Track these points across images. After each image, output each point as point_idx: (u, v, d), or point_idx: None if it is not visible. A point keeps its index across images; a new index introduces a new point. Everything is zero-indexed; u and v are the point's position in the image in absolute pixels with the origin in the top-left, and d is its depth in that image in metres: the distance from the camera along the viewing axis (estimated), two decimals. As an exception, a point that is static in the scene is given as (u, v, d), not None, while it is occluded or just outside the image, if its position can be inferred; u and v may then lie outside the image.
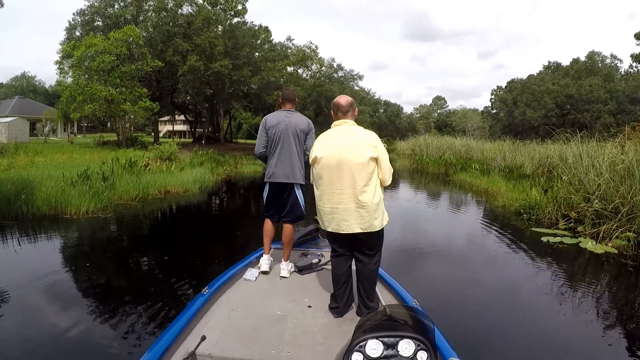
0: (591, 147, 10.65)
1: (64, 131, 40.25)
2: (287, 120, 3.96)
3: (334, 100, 3.32)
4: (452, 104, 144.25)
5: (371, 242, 3.13)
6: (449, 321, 3.98)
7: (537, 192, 10.89)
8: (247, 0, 33.46)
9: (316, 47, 45.98)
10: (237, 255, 4.29)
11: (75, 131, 47.63)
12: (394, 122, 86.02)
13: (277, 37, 77.23)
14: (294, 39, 48.89)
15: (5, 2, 18.16)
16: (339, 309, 3.17)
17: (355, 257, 3.23)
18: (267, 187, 4.08)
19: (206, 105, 35.69)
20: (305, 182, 4.00)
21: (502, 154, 20.41)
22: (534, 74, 55.81)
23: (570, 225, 8.76)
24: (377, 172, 3.06)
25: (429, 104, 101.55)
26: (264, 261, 3.99)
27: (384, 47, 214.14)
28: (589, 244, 7.52)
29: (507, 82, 60.00)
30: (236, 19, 33.75)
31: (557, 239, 7.94)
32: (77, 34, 28.86)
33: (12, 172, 11.66)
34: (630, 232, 7.51)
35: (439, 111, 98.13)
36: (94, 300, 4.86)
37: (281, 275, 3.89)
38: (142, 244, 7.95)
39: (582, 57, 52.75)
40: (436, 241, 8.61)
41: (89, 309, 4.55)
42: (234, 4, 32.43)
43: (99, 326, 4.12)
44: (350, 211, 3.02)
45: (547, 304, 5.22)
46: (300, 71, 44.53)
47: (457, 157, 25.98)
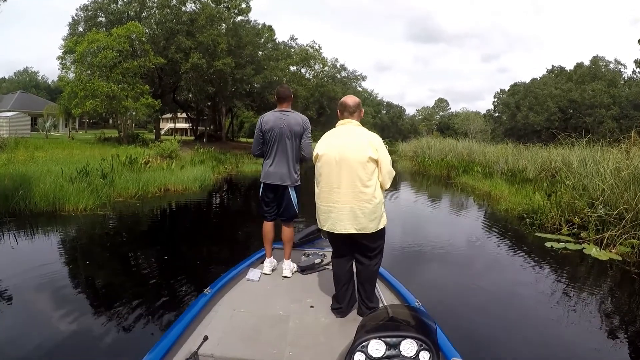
0: (596, 152, 10.55)
1: (66, 127, 40.10)
2: (282, 122, 3.90)
3: (342, 99, 3.31)
4: (455, 107, 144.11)
5: (369, 243, 3.10)
6: (451, 322, 3.98)
7: (541, 196, 10.79)
8: (251, -1, 33.40)
9: (319, 46, 46.02)
10: (238, 255, 4.33)
11: (76, 127, 47.51)
12: (396, 124, 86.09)
13: (281, 36, 77.12)
14: (297, 39, 48.80)
15: (10, -2, 18.03)
16: (341, 310, 3.16)
17: (355, 258, 3.21)
18: (262, 187, 4.08)
19: (208, 103, 35.59)
20: (299, 182, 4.02)
21: (504, 158, 20.29)
22: (537, 78, 55.77)
23: (573, 230, 8.66)
24: (377, 175, 3.03)
25: (431, 106, 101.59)
26: (267, 264, 4.00)
27: (387, 48, 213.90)
28: (593, 251, 7.41)
29: (510, 86, 60.13)
30: (240, 18, 33.60)
31: (561, 245, 7.84)
32: (80, 29, 28.77)
33: (11, 167, 11.59)
34: (634, 239, 7.40)
35: (441, 113, 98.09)
36: (93, 299, 4.82)
37: (283, 275, 3.89)
38: (141, 243, 7.85)
39: (586, 62, 52.74)
40: (439, 244, 8.52)
41: (89, 309, 4.52)
42: (238, 2, 32.27)
43: (99, 326, 4.08)
44: (346, 211, 3.00)
45: (550, 309, 5.15)
46: (303, 71, 44.51)
47: (459, 159, 25.86)
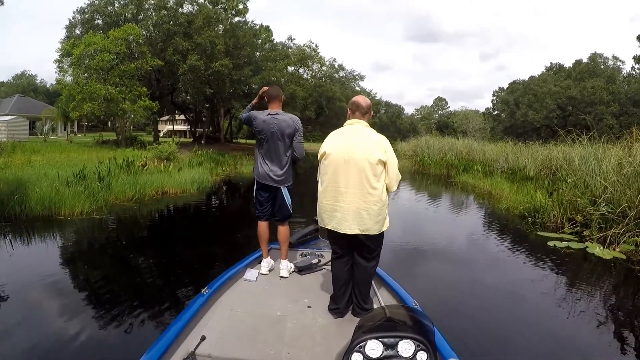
0: (597, 149, 10.45)
1: (64, 130, 40.03)
2: (274, 125, 3.86)
3: (353, 98, 3.28)
4: (454, 105, 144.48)
5: (370, 245, 3.09)
6: (449, 322, 4.01)
7: (542, 194, 10.69)
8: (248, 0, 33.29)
9: (316, 46, 45.92)
10: (235, 256, 4.32)
11: (75, 130, 47.45)
12: (395, 123, 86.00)
13: (279, 37, 77.04)
14: (295, 39, 48.74)
15: (10, 1, 17.92)
16: (338, 311, 3.16)
17: (353, 258, 3.20)
18: (255, 184, 4.10)
19: (206, 104, 35.45)
20: (292, 182, 4.04)
21: (504, 156, 20.20)
22: (536, 76, 55.63)
23: (576, 229, 8.56)
24: (384, 177, 3.02)
25: (430, 105, 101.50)
26: (264, 264, 4.00)
27: (386, 48, 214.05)
28: (597, 249, 7.31)
29: (509, 84, 60.02)
30: (237, 18, 33.45)
31: (564, 244, 7.74)
32: (77, 32, 28.68)
33: (7, 171, 11.47)
34: (638, 237, 7.32)
35: (440, 112, 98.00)
36: (90, 301, 4.82)
37: (281, 275, 3.89)
38: (137, 245, 7.77)
39: (585, 59, 52.61)
40: (439, 243, 8.45)
41: (86, 310, 4.54)
42: (235, 3, 32.15)
43: (96, 327, 4.08)
44: (352, 212, 2.98)
45: (552, 310, 5.09)
46: (301, 71, 44.40)
47: (458, 158, 25.76)
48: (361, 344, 1.87)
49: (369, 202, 2.96)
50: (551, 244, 7.82)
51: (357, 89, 57.64)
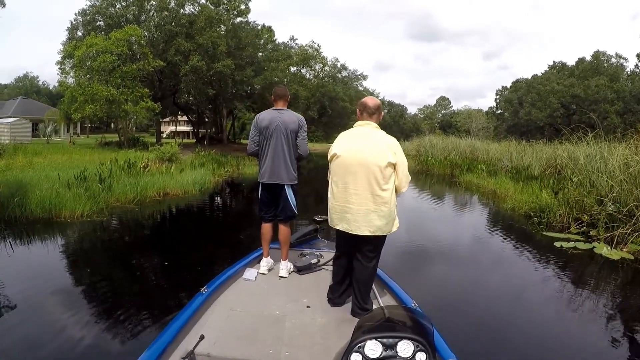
0: (602, 148, 10.31)
1: (67, 132, 40.09)
2: (278, 120, 3.91)
3: (362, 99, 3.30)
4: (457, 105, 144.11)
5: (374, 245, 3.13)
6: (450, 323, 4.01)
7: (547, 194, 10.55)
8: (250, 0, 33.26)
9: (319, 46, 45.90)
10: (235, 258, 4.25)
11: (78, 132, 47.54)
12: (398, 123, 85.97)
13: (281, 37, 77.07)
14: (297, 39, 48.71)
15: (13, 3, 17.89)
16: (333, 301, 3.27)
17: (355, 257, 3.21)
18: (260, 187, 4.08)
19: (209, 105, 35.43)
20: (296, 181, 4.03)
21: (508, 155, 20.04)
22: (539, 74, 55.33)
23: (582, 229, 8.43)
24: (394, 179, 3.04)
25: (433, 105, 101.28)
26: (264, 264, 4.01)
27: (388, 48, 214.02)
28: (604, 250, 7.19)
29: (512, 82, 59.77)
30: (239, 19, 33.46)
31: (571, 244, 7.62)
32: (79, 34, 28.72)
33: (9, 173, 11.42)
34: (646, 237, 7.19)
35: (443, 111, 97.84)
36: (89, 300, 4.84)
37: (280, 275, 3.90)
38: (138, 247, 7.69)
39: (588, 57, 52.25)
40: (443, 244, 8.34)
41: (85, 310, 4.49)
42: (237, 3, 32.14)
43: (96, 326, 4.09)
44: (362, 213, 3.01)
45: (557, 312, 5.01)
46: (303, 71, 44.35)
47: (462, 157, 25.61)
48: (360, 344, 1.88)
49: (379, 204, 2.98)
50: (558, 244, 7.69)
51: (359, 88, 57.61)
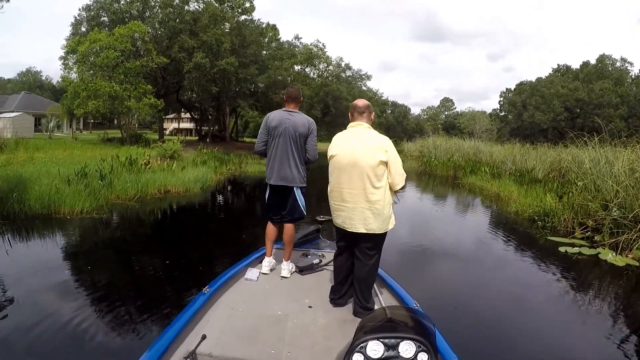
0: (607, 152, 10.19)
1: (70, 127, 40.04)
2: (288, 121, 3.87)
3: (353, 102, 3.41)
4: (460, 106, 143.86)
5: (372, 243, 3.16)
6: (452, 324, 4.02)
7: (552, 198, 10.44)
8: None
9: (323, 45, 45.78)
10: (237, 257, 4.20)
11: (80, 127, 47.48)
12: (401, 123, 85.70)
13: (285, 36, 76.97)
14: (301, 38, 48.67)
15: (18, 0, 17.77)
16: (335, 300, 3.29)
17: (355, 255, 3.25)
18: (267, 188, 4.04)
19: (212, 103, 35.36)
20: (305, 183, 4.00)
21: (512, 157, 19.91)
22: (543, 77, 55.08)
23: (587, 234, 8.33)
24: (387, 176, 3.08)
25: (436, 106, 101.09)
26: (266, 263, 3.98)
27: (392, 48, 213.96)
28: (609, 256, 7.08)
29: (517, 85, 59.36)
30: (243, 17, 33.34)
31: (576, 250, 7.52)
32: (83, 29, 28.68)
33: (9, 168, 11.36)
34: (652, 243, 7.08)
35: (446, 113, 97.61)
36: (90, 300, 4.78)
37: (282, 275, 3.88)
38: (137, 244, 7.62)
39: (592, 61, 51.94)
40: (445, 246, 8.26)
41: (86, 309, 4.44)
42: (242, 1, 32.03)
43: (97, 325, 4.07)
44: (357, 211, 3.08)
45: (561, 317, 4.95)
46: (307, 70, 44.24)
47: (465, 159, 25.47)
48: (362, 345, 1.88)
49: (372, 202, 3.03)
50: (562, 249, 7.59)
51: (363, 88, 57.43)
